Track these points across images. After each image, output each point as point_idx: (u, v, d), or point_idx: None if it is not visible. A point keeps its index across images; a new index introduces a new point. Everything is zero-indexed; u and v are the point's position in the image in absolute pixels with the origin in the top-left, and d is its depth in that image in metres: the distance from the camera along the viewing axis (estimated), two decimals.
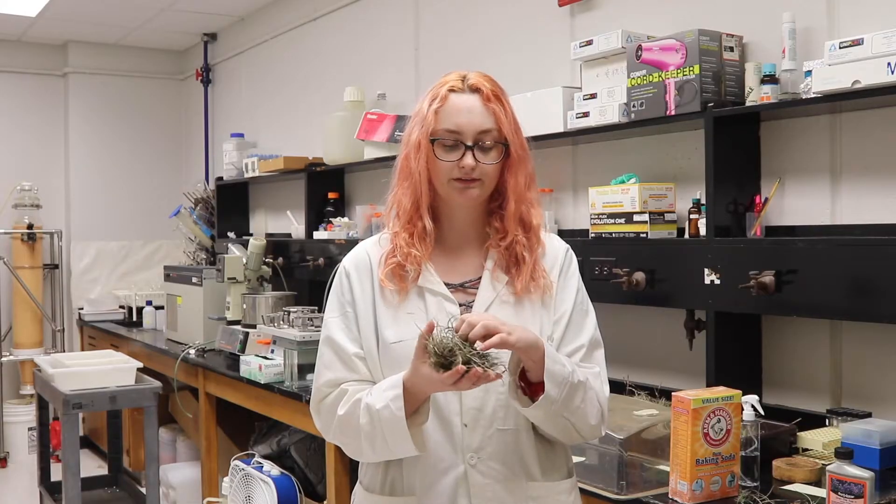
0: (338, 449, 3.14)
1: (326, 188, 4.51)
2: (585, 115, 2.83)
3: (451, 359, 1.40)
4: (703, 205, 2.56)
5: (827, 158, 2.42)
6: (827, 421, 2.33)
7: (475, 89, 1.59)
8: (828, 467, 1.77)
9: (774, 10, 2.47)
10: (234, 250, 4.43)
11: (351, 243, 4.03)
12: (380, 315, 1.60)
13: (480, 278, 1.63)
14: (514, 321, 1.52)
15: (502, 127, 1.59)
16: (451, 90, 1.59)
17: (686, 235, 2.65)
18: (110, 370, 3.66)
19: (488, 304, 1.60)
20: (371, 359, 1.60)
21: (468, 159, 1.56)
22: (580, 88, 2.93)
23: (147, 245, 6.54)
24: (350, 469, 3.20)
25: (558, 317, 1.63)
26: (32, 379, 5.04)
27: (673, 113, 2.55)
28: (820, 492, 1.90)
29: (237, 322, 4.25)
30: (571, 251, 1.73)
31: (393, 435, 1.50)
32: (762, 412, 2.06)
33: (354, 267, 1.65)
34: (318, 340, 3.60)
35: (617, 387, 2.87)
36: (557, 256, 1.69)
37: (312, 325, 3.50)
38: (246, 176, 5.17)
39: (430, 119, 1.57)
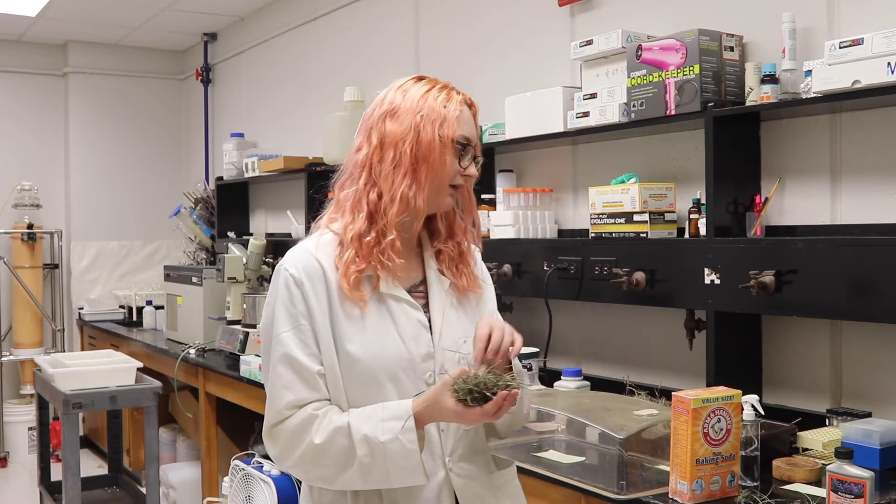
0: None
1: (326, 188, 4.50)
2: (585, 114, 2.83)
3: (489, 392, 1.41)
4: (703, 205, 2.56)
5: (827, 158, 2.42)
6: (827, 421, 2.33)
7: (470, 104, 1.61)
8: (828, 467, 1.77)
9: (774, 10, 2.47)
10: (234, 250, 4.43)
11: None
12: (340, 327, 1.51)
13: (423, 281, 1.62)
14: (465, 322, 1.59)
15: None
16: (463, 102, 1.59)
17: (686, 235, 2.65)
18: (110, 370, 3.66)
19: (443, 307, 1.60)
20: (331, 375, 1.51)
21: (474, 169, 1.59)
22: (580, 88, 2.93)
23: (147, 245, 6.54)
24: None
25: (487, 315, 1.65)
26: (32, 379, 5.04)
27: (673, 113, 2.55)
28: (820, 492, 1.90)
29: (237, 322, 4.24)
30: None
31: (400, 468, 1.45)
32: (762, 412, 2.06)
33: (307, 276, 1.52)
34: None
35: (617, 387, 2.87)
36: (472, 253, 1.71)
37: None
38: (246, 176, 5.17)
39: (452, 121, 1.55)
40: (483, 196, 3.30)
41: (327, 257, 1.55)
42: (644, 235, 2.66)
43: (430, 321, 1.58)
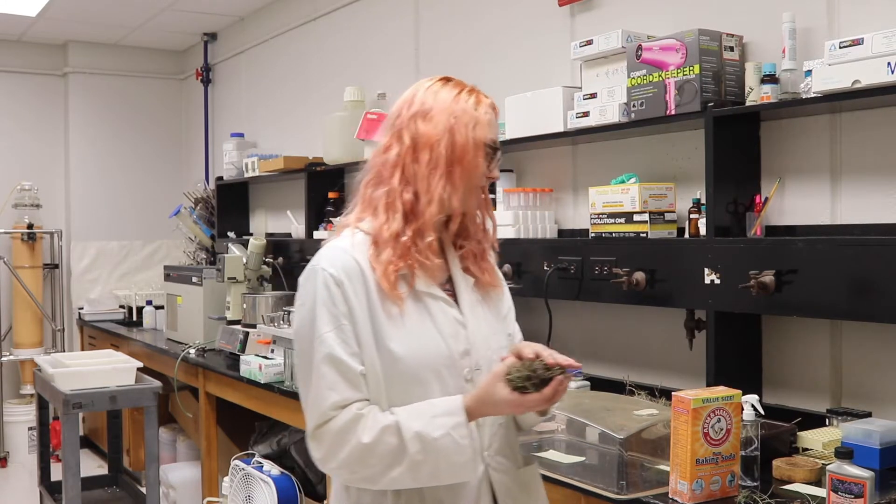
0: None
1: (326, 188, 4.51)
2: (585, 114, 2.83)
3: (545, 376, 1.45)
4: (703, 205, 2.56)
5: (827, 158, 2.42)
6: (827, 421, 2.33)
7: (493, 108, 1.64)
8: (828, 467, 1.77)
9: (774, 10, 2.47)
10: (234, 250, 4.43)
11: None
12: (381, 327, 1.51)
13: (450, 279, 1.64)
14: (490, 318, 1.64)
15: None
16: (490, 106, 1.62)
17: (686, 235, 2.65)
18: (110, 370, 3.66)
19: (472, 304, 1.62)
20: (372, 375, 1.51)
21: (498, 172, 1.63)
22: (580, 88, 2.93)
23: (147, 245, 6.54)
24: None
25: (506, 311, 1.72)
26: (32, 379, 5.04)
27: (673, 113, 2.55)
28: (820, 491, 1.90)
29: (237, 322, 4.25)
30: None
31: (452, 463, 1.47)
32: (762, 412, 2.06)
33: (346, 275, 1.52)
34: None
35: (617, 387, 2.87)
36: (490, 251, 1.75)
37: None
38: (246, 176, 5.17)
39: (483, 124, 1.58)
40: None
41: (363, 256, 1.55)
42: (644, 235, 2.66)
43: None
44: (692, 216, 2.61)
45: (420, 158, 1.55)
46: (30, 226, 6.02)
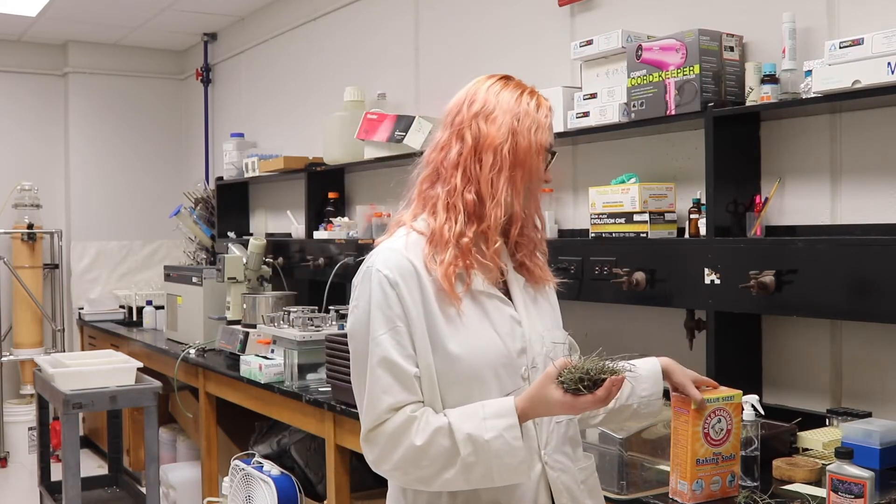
0: (338, 449, 3.14)
1: (326, 188, 4.51)
2: (585, 114, 2.83)
3: (598, 377, 1.43)
4: (703, 205, 2.56)
5: (827, 158, 2.42)
6: (827, 421, 2.34)
7: (551, 110, 1.64)
8: (828, 467, 1.77)
9: (774, 10, 2.47)
10: (234, 250, 4.43)
11: (350, 243, 4.03)
12: (438, 328, 1.50)
13: (504, 279, 1.63)
14: (543, 315, 1.64)
15: None
16: (549, 108, 1.62)
17: (686, 235, 2.65)
18: (110, 370, 3.66)
19: (525, 302, 1.62)
20: (427, 377, 1.50)
21: (550, 175, 1.63)
22: (580, 88, 2.93)
23: (147, 245, 6.54)
24: (350, 470, 3.20)
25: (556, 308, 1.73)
26: (32, 379, 5.04)
27: (673, 113, 2.55)
28: (820, 491, 1.90)
29: (237, 322, 4.24)
30: None
31: (504, 465, 1.45)
32: (762, 412, 2.06)
33: (401, 277, 1.50)
34: (318, 340, 3.59)
35: None
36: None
37: (312, 325, 3.50)
38: (246, 176, 5.17)
39: (545, 128, 1.58)
40: None
41: (418, 257, 1.54)
42: (644, 235, 2.66)
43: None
44: (692, 216, 2.61)
45: (483, 160, 1.54)
46: (30, 226, 6.02)
